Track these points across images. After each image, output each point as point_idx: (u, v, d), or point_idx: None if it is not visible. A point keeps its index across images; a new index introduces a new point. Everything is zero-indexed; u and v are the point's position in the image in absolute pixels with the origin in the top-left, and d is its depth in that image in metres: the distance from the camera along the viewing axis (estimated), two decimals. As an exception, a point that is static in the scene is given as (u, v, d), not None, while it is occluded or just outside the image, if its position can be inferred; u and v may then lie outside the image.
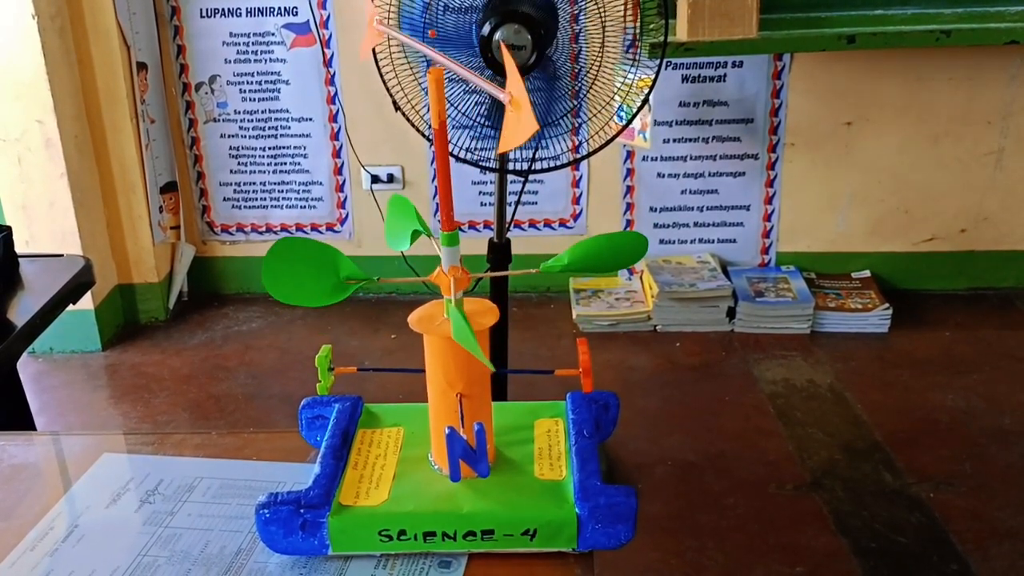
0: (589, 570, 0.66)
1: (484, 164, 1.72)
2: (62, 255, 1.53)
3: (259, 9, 2.70)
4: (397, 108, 1.72)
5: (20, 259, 1.48)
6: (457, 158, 1.73)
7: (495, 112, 1.72)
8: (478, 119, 1.71)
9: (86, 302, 2.60)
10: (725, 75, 2.68)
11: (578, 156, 1.79)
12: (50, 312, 1.38)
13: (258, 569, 0.67)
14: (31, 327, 1.34)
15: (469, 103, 1.71)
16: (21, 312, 1.37)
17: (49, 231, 2.56)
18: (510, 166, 1.76)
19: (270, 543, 0.67)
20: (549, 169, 1.73)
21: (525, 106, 0.56)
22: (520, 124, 0.56)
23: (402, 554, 0.68)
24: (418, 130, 1.75)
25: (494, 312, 0.69)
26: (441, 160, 0.64)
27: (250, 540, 0.70)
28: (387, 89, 1.70)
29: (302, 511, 0.66)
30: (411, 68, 1.72)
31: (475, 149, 1.70)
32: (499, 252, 1.88)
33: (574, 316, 2.65)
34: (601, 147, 1.73)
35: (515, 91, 0.57)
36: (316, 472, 0.69)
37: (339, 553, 0.68)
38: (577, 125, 1.86)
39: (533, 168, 1.71)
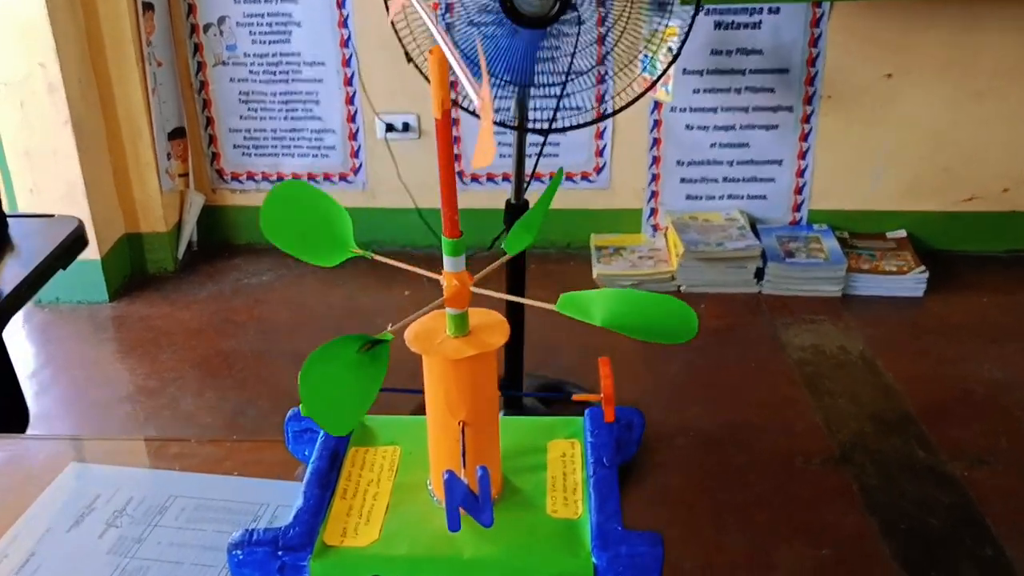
0: (607, 627, 0.58)
1: (502, 122, 1.62)
2: (53, 215, 1.45)
3: (269, -54, 2.57)
4: (409, 60, 1.61)
5: (8, 219, 1.40)
6: (472, 113, 1.63)
7: (514, 61, 1.61)
8: (496, 71, 1.60)
9: (92, 252, 2.53)
10: (760, 22, 2.53)
11: (603, 114, 1.67)
12: (39, 277, 1.30)
13: (231, 615, 0.59)
14: (18, 294, 1.26)
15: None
16: (8, 277, 1.30)
17: (53, 179, 2.47)
18: (530, 124, 1.65)
19: (245, 587, 0.59)
20: (571, 128, 1.62)
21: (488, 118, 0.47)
22: (486, 134, 0.47)
23: (395, 600, 0.60)
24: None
25: (503, 329, 0.59)
26: (444, 153, 0.54)
27: (225, 577, 0.62)
28: (399, 39, 1.59)
29: (280, 553, 0.58)
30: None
31: (492, 106, 1.59)
32: (516, 214, 1.79)
33: (594, 275, 2.56)
34: (628, 104, 1.62)
35: (485, 96, 0.48)
36: (298, 505, 0.61)
37: (323, 598, 0.60)
38: (602, 76, 1.74)
39: (554, 127, 1.60)
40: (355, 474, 0.65)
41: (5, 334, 2.50)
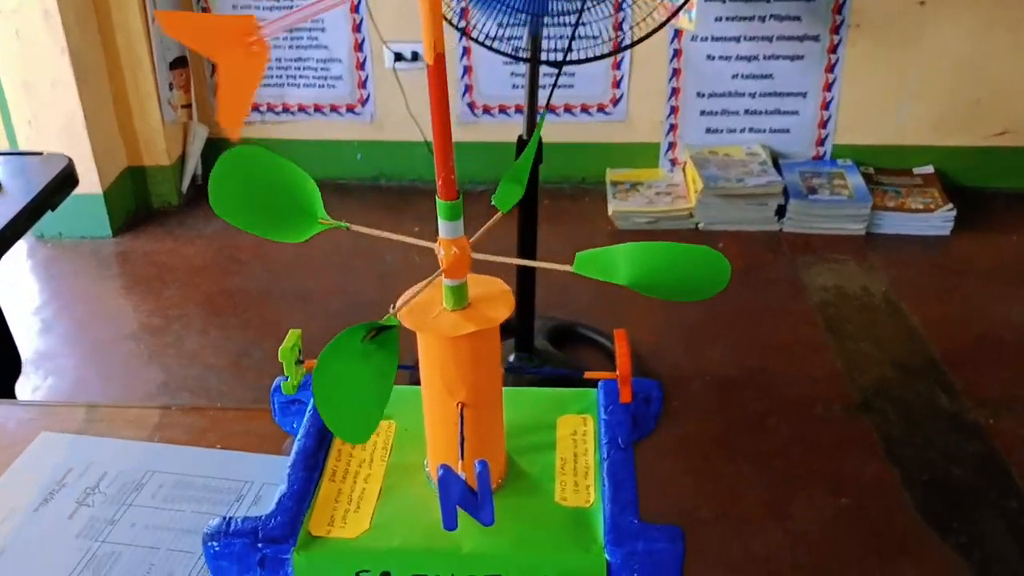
0: (620, 627, 0.53)
1: (513, 54, 1.52)
2: (42, 153, 1.38)
3: None
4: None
5: (-6, 157, 1.34)
6: (481, 44, 1.54)
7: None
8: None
9: (94, 185, 2.47)
10: (788, -55, 2.40)
11: (621, 45, 1.58)
12: (27, 218, 1.24)
13: (209, 609, 0.54)
14: (5, 235, 1.20)
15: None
16: (-6, 219, 1.23)
17: (52, 111, 2.39)
18: (543, 55, 1.56)
19: (222, 580, 0.54)
20: (587, 60, 1.53)
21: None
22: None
23: (387, 595, 0.54)
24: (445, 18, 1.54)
25: (508, 300, 0.53)
26: (437, 104, 0.47)
27: (203, 566, 0.57)
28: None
29: (260, 546, 0.52)
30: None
31: (502, 37, 1.49)
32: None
33: (610, 211, 2.47)
34: (650, 34, 1.52)
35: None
36: (282, 491, 0.55)
37: (309, 593, 0.54)
38: (620, 3, 1.64)
39: (569, 58, 1.51)
40: (345, 453, 0.60)
41: (6, 270, 2.46)
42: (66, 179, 1.32)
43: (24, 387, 1.97)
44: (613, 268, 0.53)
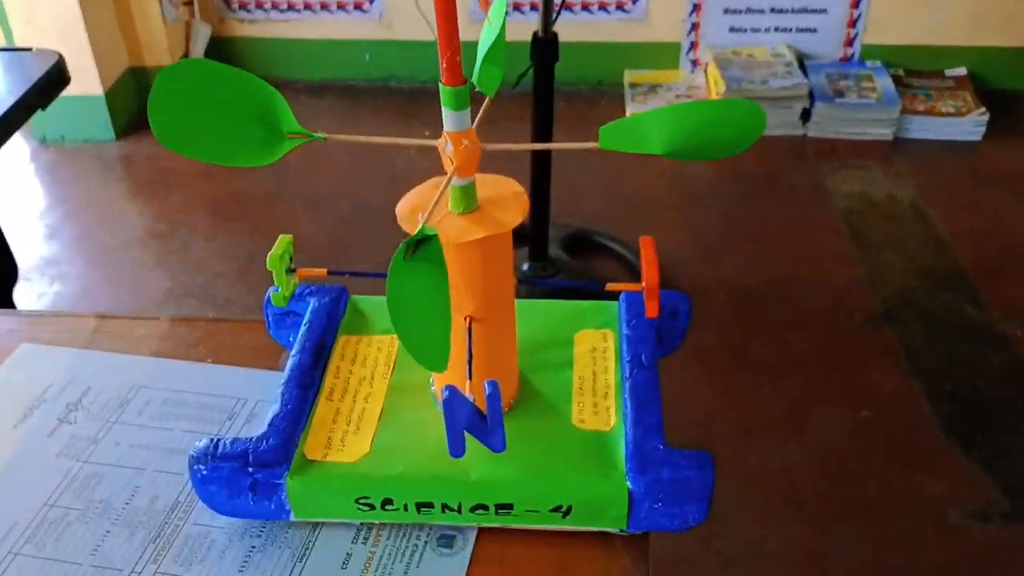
0: (642, 560, 0.48)
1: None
2: (31, 49, 1.31)
3: None
4: None
5: (-19, 53, 1.26)
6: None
7: None
8: None
9: (95, 86, 2.40)
10: None
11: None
12: (14, 118, 1.17)
13: (197, 535, 0.50)
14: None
15: None
16: (-21, 118, 1.17)
17: (50, 8, 2.30)
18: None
19: (211, 505, 0.50)
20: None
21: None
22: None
23: (390, 523, 0.50)
24: None
25: (521, 202, 0.47)
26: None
27: (191, 490, 0.53)
28: None
29: (251, 470, 0.48)
30: None
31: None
32: (544, 49, 1.62)
33: (628, 114, 2.38)
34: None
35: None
36: (274, 410, 0.51)
37: (305, 519, 0.50)
38: None
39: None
40: (344, 369, 0.55)
41: (9, 175, 2.41)
42: (56, 76, 1.25)
43: (30, 294, 1.94)
44: (643, 138, 0.47)
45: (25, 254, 2.07)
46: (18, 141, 2.52)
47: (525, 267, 1.84)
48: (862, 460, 1.51)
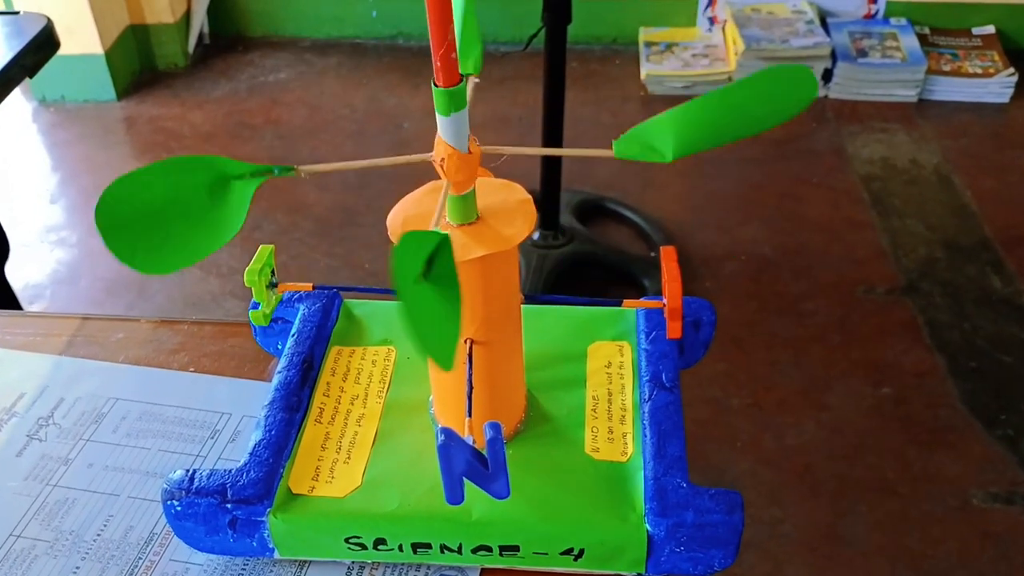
0: (661, 606, 0.44)
1: None
2: (18, 12, 1.24)
3: None
4: None
5: (-35, 16, 1.21)
6: None
7: None
8: None
9: (94, 45, 2.33)
10: None
11: None
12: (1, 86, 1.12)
13: (174, 573, 0.46)
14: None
15: None
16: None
17: (44, -37, 2.23)
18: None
19: (188, 541, 0.46)
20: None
21: None
22: None
23: (384, 563, 0.46)
24: None
25: (527, 212, 0.42)
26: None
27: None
28: None
29: (230, 506, 0.44)
30: None
31: None
32: (556, 7, 1.55)
33: (643, 75, 2.31)
34: None
35: None
36: (256, 438, 0.46)
37: (291, 558, 0.46)
38: None
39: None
40: (335, 387, 0.50)
41: (9, 136, 2.35)
42: (45, 41, 1.19)
43: (30, 263, 1.90)
44: (663, 144, 0.41)
45: (25, 220, 2.02)
46: (18, 101, 2.47)
47: (536, 236, 1.79)
48: (881, 438, 1.47)
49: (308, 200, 2.01)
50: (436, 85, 0.37)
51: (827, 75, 2.27)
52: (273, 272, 0.48)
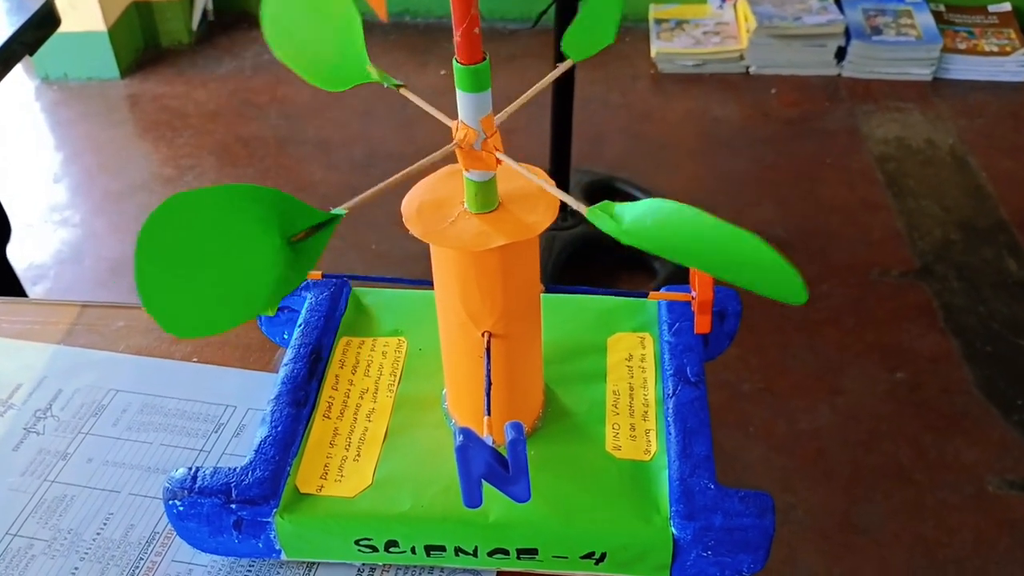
0: (687, 613, 0.42)
1: None
2: (16, -12, 1.22)
3: None
4: None
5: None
6: None
7: None
8: None
9: (98, 22, 2.30)
10: None
11: None
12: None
13: (176, 574, 0.44)
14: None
15: None
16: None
17: (46, -63, 2.19)
18: None
19: (191, 542, 0.44)
20: None
21: None
22: None
23: (395, 564, 0.44)
24: None
25: (549, 200, 0.39)
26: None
27: (171, 518, 0.46)
28: None
29: (234, 506, 0.42)
30: None
31: None
32: (567, -15, 1.51)
33: (653, 53, 2.27)
34: None
35: None
36: (262, 434, 0.44)
37: (299, 559, 0.44)
38: None
39: None
40: (344, 379, 0.48)
41: (12, 115, 2.33)
42: (45, 17, 1.16)
43: (33, 243, 1.88)
44: (629, 226, 0.35)
45: (28, 200, 2.00)
46: (20, 79, 2.44)
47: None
48: (896, 424, 1.45)
49: (315, 179, 1.99)
50: (458, 62, 0.34)
51: (841, 53, 2.23)
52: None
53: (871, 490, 1.35)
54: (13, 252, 1.21)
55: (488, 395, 0.39)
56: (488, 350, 0.40)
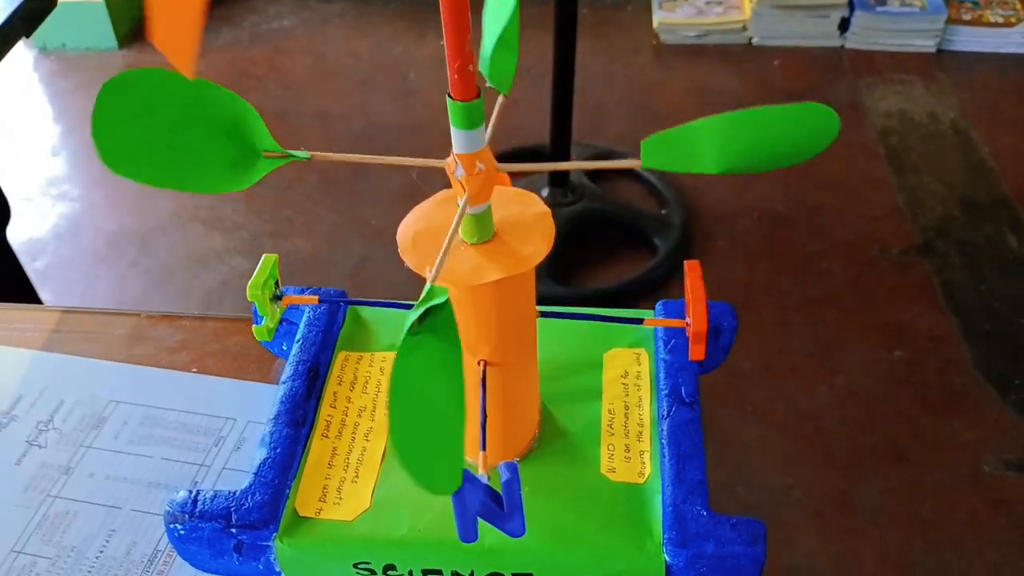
0: (680, 634, 0.43)
1: None
2: (13, -34, 1.20)
3: None
4: None
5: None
6: None
7: None
8: None
9: (94, -8, 2.28)
10: None
11: None
12: (-3, 48, 1.09)
13: (179, 593, 0.45)
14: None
15: None
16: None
17: (40, -94, 2.16)
18: None
19: (192, 563, 0.44)
20: None
21: None
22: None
23: (393, 583, 0.45)
24: None
25: (546, 228, 0.39)
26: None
27: (172, 535, 0.47)
28: None
29: (234, 531, 0.42)
30: None
31: None
32: (568, -40, 1.50)
33: (655, 24, 2.25)
34: None
35: None
36: (261, 455, 0.44)
37: (298, 579, 0.45)
38: None
39: None
40: (342, 397, 0.48)
41: (9, 86, 2.31)
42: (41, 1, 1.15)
43: (32, 217, 1.88)
44: (694, 153, 0.39)
45: (26, 173, 2.00)
46: (18, 50, 2.42)
47: (545, 193, 1.76)
48: (894, 404, 1.46)
49: (313, 151, 1.98)
50: (451, 98, 0.34)
51: (844, 24, 2.21)
52: (277, 284, 0.46)
53: (869, 471, 1.36)
54: (11, 227, 1.21)
55: (483, 429, 0.39)
56: (484, 380, 0.40)
